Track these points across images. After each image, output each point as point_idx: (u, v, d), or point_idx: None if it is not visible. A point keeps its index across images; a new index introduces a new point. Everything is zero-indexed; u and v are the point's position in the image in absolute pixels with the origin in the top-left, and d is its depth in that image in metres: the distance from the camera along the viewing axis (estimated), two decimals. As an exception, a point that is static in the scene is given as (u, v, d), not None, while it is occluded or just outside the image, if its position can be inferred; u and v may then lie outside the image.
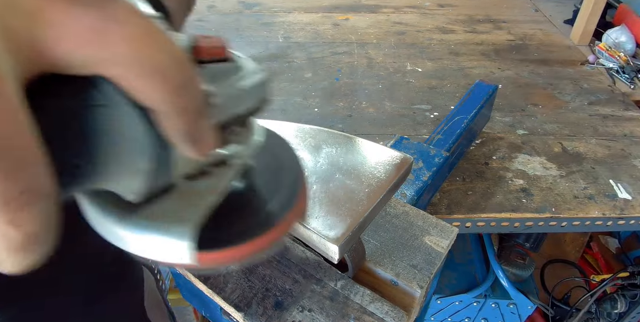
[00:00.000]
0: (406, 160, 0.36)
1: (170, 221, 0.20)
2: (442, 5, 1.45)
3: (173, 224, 0.20)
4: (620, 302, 0.98)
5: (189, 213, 0.20)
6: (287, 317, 0.37)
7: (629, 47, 1.18)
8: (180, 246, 0.20)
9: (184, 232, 0.20)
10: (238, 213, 0.24)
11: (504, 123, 0.91)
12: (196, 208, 0.21)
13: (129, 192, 0.19)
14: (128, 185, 0.19)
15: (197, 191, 0.21)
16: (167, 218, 0.20)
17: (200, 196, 0.21)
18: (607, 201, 0.73)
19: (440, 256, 0.41)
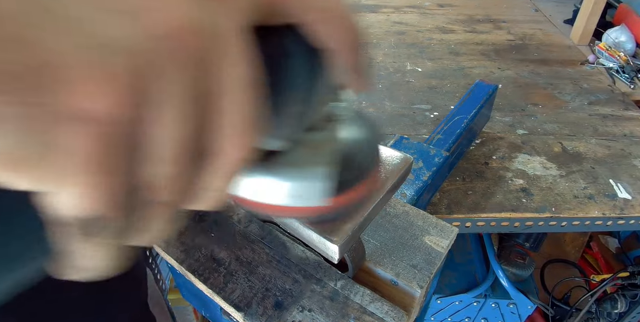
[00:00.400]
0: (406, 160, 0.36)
1: (308, 166, 0.23)
2: (442, 5, 1.45)
3: (311, 168, 0.23)
4: (621, 302, 0.98)
5: (321, 158, 0.23)
6: (287, 317, 0.37)
7: (628, 46, 1.18)
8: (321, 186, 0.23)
9: (324, 173, 0.23)
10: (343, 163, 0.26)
11: (504, 123, 0.91)
12: (324, 154, 0.23)
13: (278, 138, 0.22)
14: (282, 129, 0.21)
15: (319, 141, 0.24)
16: (303, 164, 0.23)
17: (322, 145, 0.24)
18: (607, 200, 0.73)
19: (440, 256, 0.41)
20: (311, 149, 0.24)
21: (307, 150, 0.23)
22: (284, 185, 0.22)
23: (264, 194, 0.23)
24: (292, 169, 0.22)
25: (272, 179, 0.22)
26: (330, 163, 0.23)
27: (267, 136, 0.21)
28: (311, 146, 0.24)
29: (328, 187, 0.23)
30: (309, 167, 0.23)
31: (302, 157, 0.23)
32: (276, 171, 0.22)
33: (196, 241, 0.44)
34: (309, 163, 0.23)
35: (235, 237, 0.44)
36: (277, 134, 0.21)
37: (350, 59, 0.20)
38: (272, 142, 0.22)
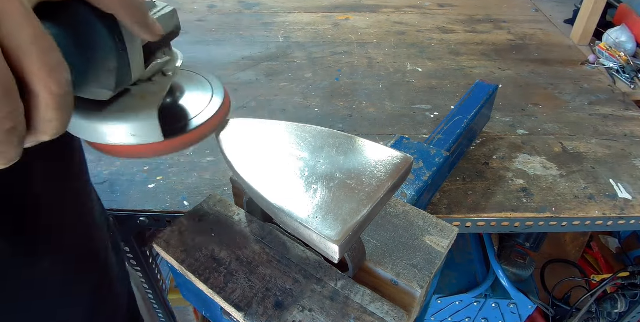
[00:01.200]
0: (406, 159, 0.36)
1: (137, 108, 0.29)
2: (442, 5, 1.45)
3: (141, 110, 0.29)
4: (620, 302, 0.98)
5: (149, 103, 0.30)
6: (287, 317, 0.37)
7: (629, 46, 1.18)
8: (150, 124, 0.29)
9: (152, 113, 0.29)
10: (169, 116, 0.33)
11: (504, 123, 0.91)
12: (153, 100, 0.30)
13: (104, 89, 0.27)
14: (103, 82, 0.27)
15: (149, 91, 0.31)
16: (133, 107, 0.29)
17: (152, 94, 0.30)
18: (607, 200, 0.73)
19: (440, 256, 0.41)
20: (140, 98, 0.30)
21: (139, 100, 0.30)
22: (119, 126, 0.29)
23: (105, 136, 0.29)
24: (123, 113, 0.29)
25: (107, 123, 0.28)
26: (154, 106, 0.29)
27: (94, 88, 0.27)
28: (140, 95, 0.30)
29: (154, 127, 0.29)
30: (137, 110, 0.29)
31: (132, 103, 0.29)
32: (110, 116, 0.28)
33: (196, 241, 0.44)
34: (137, 107, 0.29)
35: (235, 237, 0.44)
36: (102, 85, 0.27)
37: (128, 17, 0.26)
38: (100, 92, 0.27)
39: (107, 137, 0.29)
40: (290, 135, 0.38)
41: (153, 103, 0.29)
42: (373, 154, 0.37)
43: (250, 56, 1.12)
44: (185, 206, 0.69)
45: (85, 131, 0.29)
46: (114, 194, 0.70)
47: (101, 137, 0.29)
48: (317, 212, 0.32)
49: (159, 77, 0.32)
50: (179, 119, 0.33)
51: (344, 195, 0.33)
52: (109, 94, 0.28)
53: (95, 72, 0.26)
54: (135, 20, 0.26)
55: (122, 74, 0.27)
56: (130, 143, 0.29)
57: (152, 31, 0.28)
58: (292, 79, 1.03)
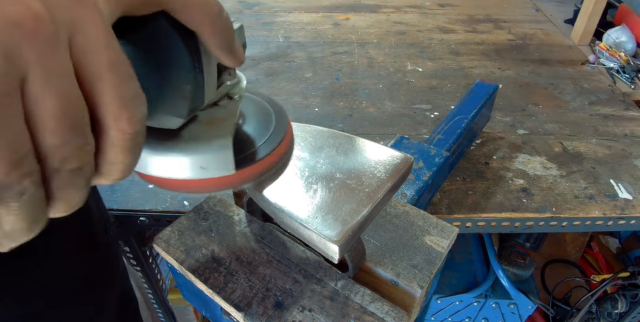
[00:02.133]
0: (406, 160, 0.36)
1: (209, 138, 0.25)
2: (442, 5, 1.45)
3: (213, 140, 0.25)
4: (621, 302, 0.98)
5: (221, 131, 0.25)
6: (288, 317, 0.37)
7: (629, 46, 1.18)
8: (224, 156, 0.25)
9: (225, 143, 0.25)
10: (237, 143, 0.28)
11: (504, 123, 0.90)
12: (224, 127, 0.26)
13: (175, 116, 0.24)
14: (175, 108, 0.24)
15: (218, 117, 0.27)
16: (204, 137, 0.25)
17: (221, 120, 0.26)
18: (608, 200, 0.72)
19: (440, 256, 0.41)
20: (210, 125, 0.26)
21: (206, 126, 0.26)
22: (186, 159, 0.24)
23: (171, 169, 0.25)
24: (193, 143, 0.24)
25: (175, 155, 0.24)
26: (229, 135, 0.25)
27: (163, 115, 0.24)
28: (210, 122, 0.26)
29: (228, 158, 0.25)
30: (209, 140, 0.25)
31: (202, 132, 0.25)
32: (178, 147, 0.24)
33: (196, 241, 0.44)
34: (208, 137, 0.25)
35: (235, 237, 0.44)
36: (173, 112, 0.24)
37: (215, 38, 0.22)
38: (169, 120, 0.24)
39: (173, 171, 0.25)
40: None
41: (225, 131, 0.25)
42: (373, 154, 0.37)
43: (250, 56, 1.12)
44: (186, 206, 0.69)
45: (145, 164, 0.25)
46: (114, 194, 0.70)
47: (165, 171, 0.25)
48: (317, 212, 0.32)
49: (226, 102, 0.28)
50: (246, 147, 0.29)
51: (344, 195, 0.33)
52: (179, 122, 0.24)
53: (168, 96, 0.23)
54: (221, 44, 0.23)
55: (196, 99, 0.24)
56: (198, 177, 0.25)
57: (235, 58, 0.25)
58: (292, 79, 1.03)
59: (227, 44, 0.23)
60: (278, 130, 0.30)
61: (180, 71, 0.23)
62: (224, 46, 0.23)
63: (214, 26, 0.22)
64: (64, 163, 0.17)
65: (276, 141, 0.29)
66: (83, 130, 0.17)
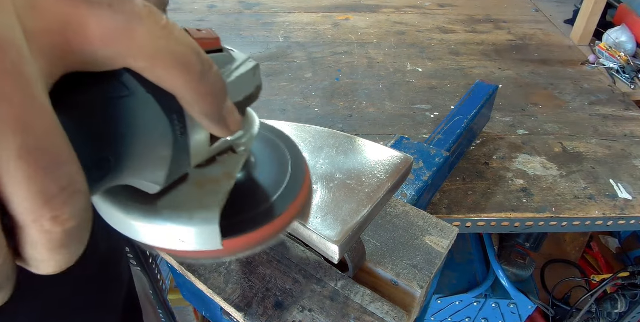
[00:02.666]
0: (406, 160, 0.36)
1: (193, 208, 0.20)
2: (442, 5, 1.45)
3: (197, 211, 0.20)
4: (621, 302, 0.98)
5: (209, 199, 0.21)
6: (288, 317, 0.37)
7: (629, 46, 1.18)
8: (208, 231, 0.20)
9: (211, 218, 0.20)
10: (243, 202, 0.24)
11: (504, 123, 0.91)
12: (215, 194, 0.21)
13: (151, 182, 0.20)
14: (150, 175, 0.19)
15: (211, 178, 0.22)
16: (188, 206, 0.21)
17: (214, 182, 0.22)
18: (607, 200, 0.73)
19: (440, 256, 0.41)
20: (201, 188, 0.21)
21: (197, 190, 0.21)
22: (169, 228, 0.20)
23: (152, 237, 0.21)
24: (175, 213, 0.20)
25: (155, 224, 0.20)
26: (218, 204, 0.21)
27: (138, 179, 0.19)
28: (201, 184, 0.22)
29: (215, 231, 0.20)
30: (195, 210, 0.20)
31: (190, 197, 0.21)
32: (160, 214, 0.20)
33: (196, 241, 0.44)
34: (195, 205, 0.21)
35: (235, 237, 0.44)
36: (148, 178, 0.19)
37: (196, 105, 0.18)
38: (146, 185, 0.20)
39: (151, 238, 0.21)
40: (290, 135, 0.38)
41: (214, 201, 0.21)
42: (373, 154, 0.37)
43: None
44: (185, 206, 0.69)
45: (124, 228, 0.21)
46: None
47: (143, 237, 0.21)
48: (317, 212, 0.32)
49: (226, 156, 0.23)
50: (254, 204, 0.24)
51: (344, 195, 0.33)
52: (155, 189, 0.20)
53: (140, 163, 0.18)
54: (205, 111, 0.18)
55: (177, 164, 0.20)
56: (178, 249, 0.21)
57: (226, 128, 0.19)
58: (292, 79, 1.03)
59: (215, 110, 0.18)
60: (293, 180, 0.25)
61: (154, 137, 0.18)
62: (210, 114, 0.18)
63: (194, 90, 0.17)
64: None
65: (289, 198, 0.24)
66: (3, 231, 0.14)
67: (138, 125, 0.17)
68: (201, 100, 0.17)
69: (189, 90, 0.17)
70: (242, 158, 0.24)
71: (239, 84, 0.21)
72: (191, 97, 0.17)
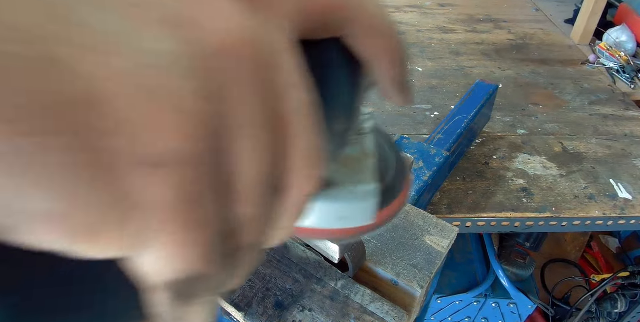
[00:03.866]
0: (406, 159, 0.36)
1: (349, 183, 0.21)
2: (442, 5, 1.45)
3: (354, 186, 0.21)
4: (620, 302, 0.98)
5: (361, 175, 0.22)
6: (288, 317, 0.37)
7: (629, 46, 1.18)
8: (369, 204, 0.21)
9: (371, 191, 0.21)
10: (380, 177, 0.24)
11: (504, 123, 0.91)
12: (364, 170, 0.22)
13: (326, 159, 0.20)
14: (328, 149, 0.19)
15: (352, 157, 0.22)
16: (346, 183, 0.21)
17: (356, 161, 0.22)
18: (608, 200, 0.73)
19: (440, 256, 0.41)
20: (349, 166, 0.22)
21: (343, 169, 0.22)
22: (329, 208, 0.21)
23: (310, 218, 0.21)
24: (336, 190, 0.21)
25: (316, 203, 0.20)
26: (373, 179, 0.21)
27: None
28: (348, 163, 0.22)
29: (374, 205, 0.21)
30: (353, 185, 0.21)
31: (343, 175, 0.21)
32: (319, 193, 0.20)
33: (196, 241, 0.44)
34: (351, 181, 0.21)
35: (235, 237, 0.44)
36: None
37: (392, 73, 0.18)
38: None
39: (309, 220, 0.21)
40: None
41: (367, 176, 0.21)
42: (373, 154, 0.37)
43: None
44: (186, 205, 0.69)
45: None
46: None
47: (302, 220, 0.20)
48: (317, 212, 0.32)
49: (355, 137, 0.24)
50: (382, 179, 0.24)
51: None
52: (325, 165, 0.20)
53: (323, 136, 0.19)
54: (395, 78, 0.19)
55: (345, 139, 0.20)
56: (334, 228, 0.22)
57: (406, 97, 0.20)
58: (292, 79, 1.03)
59: (402, 79, 0.19)
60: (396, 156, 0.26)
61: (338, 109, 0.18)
62: (398, 82, 0.19)
63: (393, 58, 0.18)
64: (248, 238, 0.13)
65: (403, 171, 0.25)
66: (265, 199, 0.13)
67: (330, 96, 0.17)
68: (395, 68, 0.18)
69: (388, 57, 0.18)
70: (371, 136, 0.24)
71: None
72: (389, 64, 0.18)
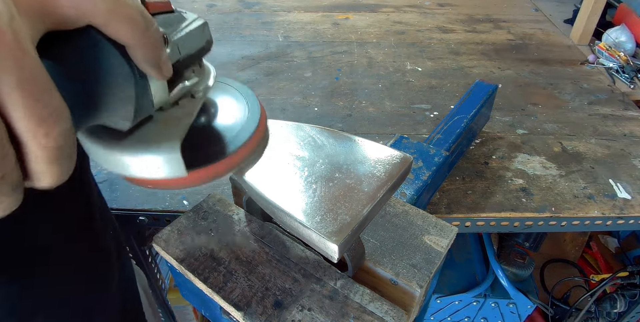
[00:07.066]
0: (406, 159, 0.36)
1: (159, 140, 0.25)
2: (442, 5, 1.45)
3: (162, 141, 0.25)
4: (620, 302, 0.98)
5: (172, 132, 0.26)
6: (287, 317, 0.37)
7: (628, 46, 1.18)
8: (173, 158, 0.25)
9: (174, 146, 0.25)
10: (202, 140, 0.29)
11: (503, 123, 0.91)
12: (177, 128, 0.26)
13: (122, 119, 0.24)
14: (121, 112, 0.24)
15: (173, 117, 0.27)
16: (155, 138, 0.25)
17: (176, 120, 0.27)
18: (607, 200, 0.73)
19: (439, 256, 0.41)
20: (165, 125, 0.26)
21: (162, 127, 0.26)
22: (137, 159, 0.25)
23: (126, 169, 0.25)
24: (143, 144, 0.25)
25: (126, 154, 0.25)
26: (180, 135, 0.25)
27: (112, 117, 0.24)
28: (166, 122, 0.27)
29: (178, 159, 0.25)
30: (159, 140, 0.25)
31: (156, 133, 0.26)
32: (130, 147, 0.25)
33: (196, 240, 0.44)
34: (158, 137, 0.25)
35: (234, 237, 0.44)
36: (120, 116, 0.24)
37: (139, 52, 0.23)
38: (118, 123, 0.24)
39: (128, 169, 0.26)
40: (290, 135, 0.38)
41: (176, 133, 0.26)
42: (373, 153, 0.37)
43: (250, 56, 1.12)
44: (185, 205, 0.69)
45: (106, 161, 0.26)
46: (114, 193, 0.70)
47: (122, 170, 0.26)
48: (317, 212, 0.32)
49: (186, 100, 0.28)
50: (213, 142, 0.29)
51: (344, 195, 0.33)
52: (127, 125, 0.25)
53: (111, 101, 0.23)
54: (146, 58, 0.23)
55: (142, 104, 0.24)
56: (153, 177, 0.26)
57: (161, 73, 0.25)
58: (292, 79, 1.03)
59: (153, 58, 0.23)
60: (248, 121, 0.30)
61: (120, 78, 0.23)
62: (149, 60, 0.23)
63: (139, 40, 0.22)
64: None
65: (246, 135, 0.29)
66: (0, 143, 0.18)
67: (106, 70, 0.22)
68: (143, 48, 0.23)
69: (134, 41, 0.22)
70: (200, 101, 0.28)
71: (190, 39, 0.26)
72: (136, 46, 0.22)
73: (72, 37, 0.22)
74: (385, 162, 0.36)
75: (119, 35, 0.22)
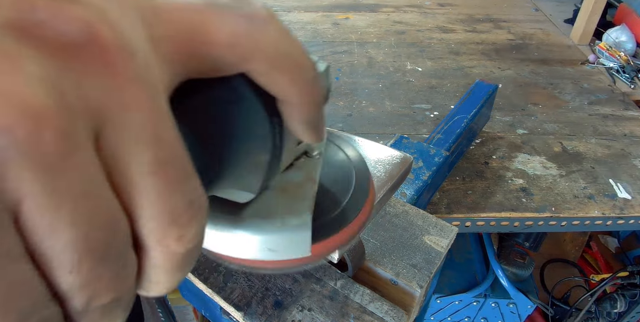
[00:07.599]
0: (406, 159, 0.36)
1: (283, 215, 0.20)
2: (442, 5, 1.45)
3: (288, 217, 0.20)
4: (620, 302, 0.98)
5: (298, 204, 0.20)
6: (287, 317, 0.37)
7: (629, 46, 1.18)
8: (301, 237, 0.20)
9: (303, 224, 0.20)
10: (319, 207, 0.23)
11: (504, 122, 0.91)
12: (302, 199, 0.21)
13: (245, 190, 0.19)
14: (246, 182, 0.19)
15: (294, 183, 0.21)
16: (277, 213, 0.20)
17: (298, 187, 0.21)
18: (607, 200, 0.73)
19: (440, 256, 0.41)
20: (286, 193, 0.21)
21: (282, 196, 0.21)
22: (258, 239, 0.20)
23: (239, 248, 0.20)
24: (266, 220, 0.20)
25: (245, 233, 0.19)
26: (308, 209, 0.20)
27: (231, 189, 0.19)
28: (285, 190, 0.21)
29: (307, 237, 0.20)
30: (285, 216, 0.20)
31: (277, 204, 0.20)
32: (249, 223, 0.20)
33: (196, 240, 0.44)
34: (284, 211, 0.20)
35: (235, 237, 0.44)
36: (243, 187, 0.19)
37: (300, 111, 0.17)
38: (238, 195, 0.19)
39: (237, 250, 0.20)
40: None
41: (303, 205, 0.20)
42: (373, 153, 0.37)
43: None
44: (185, 205, 0.69)
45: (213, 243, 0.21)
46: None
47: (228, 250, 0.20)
48: (317, 212, 0.32)
49: (303, 160, 0.23)
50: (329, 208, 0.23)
51: (344, 195, 0.33)
52: (249, 197, 0.19)
53: (239, 169, 0.18)
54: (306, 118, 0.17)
55: (272, 170, 0.19)
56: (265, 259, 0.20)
57: (319, 136, 0.19)
58: (292, 79, 1.03)
59: (315, 119, 0.17)
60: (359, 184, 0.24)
61: (258, 140, 0.18)
62: (310, 122, 0.17)
63: (303, 96, 0.16)
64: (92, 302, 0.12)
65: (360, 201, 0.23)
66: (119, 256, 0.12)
67: (242, 130, 0.17)
68: (306, 106, 0.17)
69: (298, 96, 0.16)
70: (320, 162, 0.23)
71: None
72: (299, 102, 0.16)
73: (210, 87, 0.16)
74: (385, 162, 0.36)
75: (281, 86, 0.16)
